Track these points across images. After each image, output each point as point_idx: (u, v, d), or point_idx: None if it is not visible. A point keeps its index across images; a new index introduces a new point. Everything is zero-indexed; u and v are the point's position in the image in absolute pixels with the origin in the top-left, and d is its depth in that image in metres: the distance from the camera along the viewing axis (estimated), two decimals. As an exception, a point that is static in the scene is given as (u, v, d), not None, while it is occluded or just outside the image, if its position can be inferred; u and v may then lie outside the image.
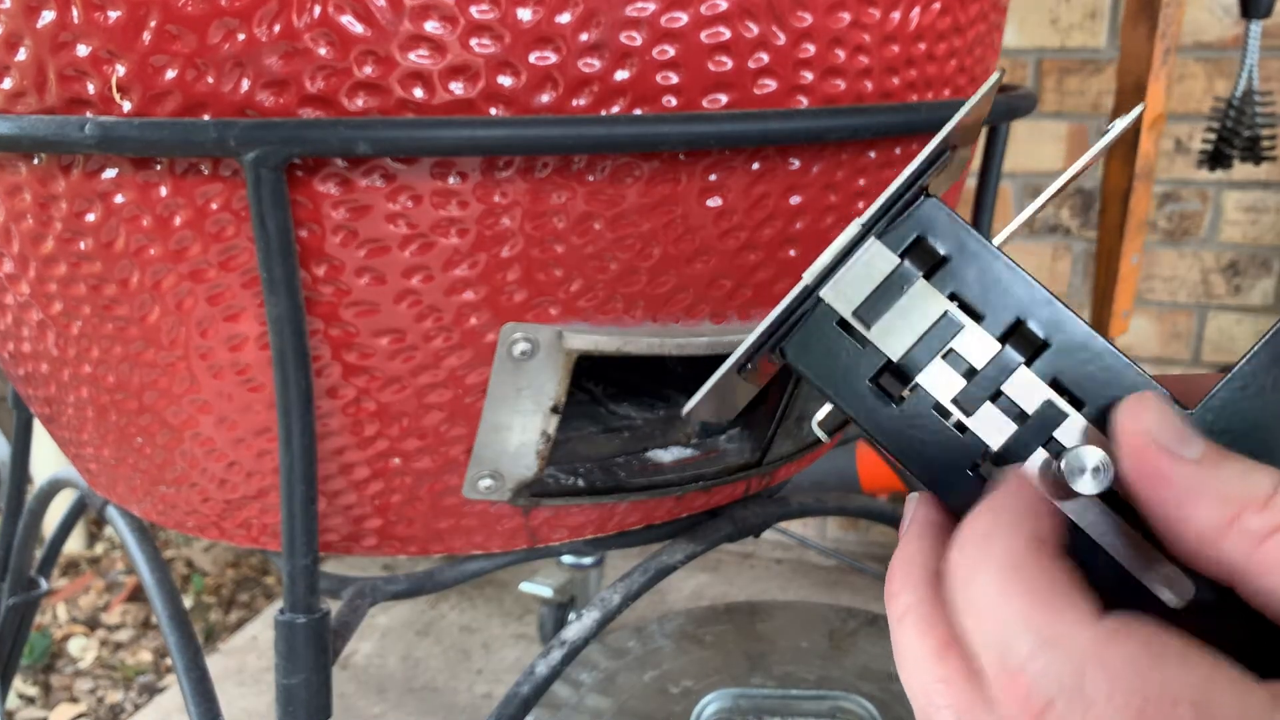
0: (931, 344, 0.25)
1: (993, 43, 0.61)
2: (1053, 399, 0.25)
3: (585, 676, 0.78)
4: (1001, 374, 0.25)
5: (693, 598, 1.48)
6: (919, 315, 0.25)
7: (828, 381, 0.26)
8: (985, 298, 0.25)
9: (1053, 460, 0.24)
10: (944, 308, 0.25)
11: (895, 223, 0.26)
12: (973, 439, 0.25)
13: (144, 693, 1.31)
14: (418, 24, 0.42)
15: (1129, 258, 0.97)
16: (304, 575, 0.50)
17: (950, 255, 0.25)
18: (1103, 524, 0.24)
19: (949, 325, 0.25)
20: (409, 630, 1.42)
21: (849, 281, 0.26)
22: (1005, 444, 0.25)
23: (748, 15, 0.45)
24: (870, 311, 0.26)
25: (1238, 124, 0.96)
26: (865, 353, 0.26)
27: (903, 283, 0.25)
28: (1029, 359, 0.25)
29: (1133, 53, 0.92)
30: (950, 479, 0.25)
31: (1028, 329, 0.25)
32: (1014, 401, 0.25)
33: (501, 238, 0.47)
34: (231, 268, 0.47)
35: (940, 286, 0.25)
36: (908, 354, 0.25)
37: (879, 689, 0.78)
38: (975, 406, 0.25)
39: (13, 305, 0.53)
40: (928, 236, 0.26)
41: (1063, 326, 0.25)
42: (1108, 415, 0.24)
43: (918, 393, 0.25)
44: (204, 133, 0.41)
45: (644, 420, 0.66)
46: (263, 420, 0.52)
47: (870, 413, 0.26)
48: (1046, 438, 0.24)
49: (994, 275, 0.25)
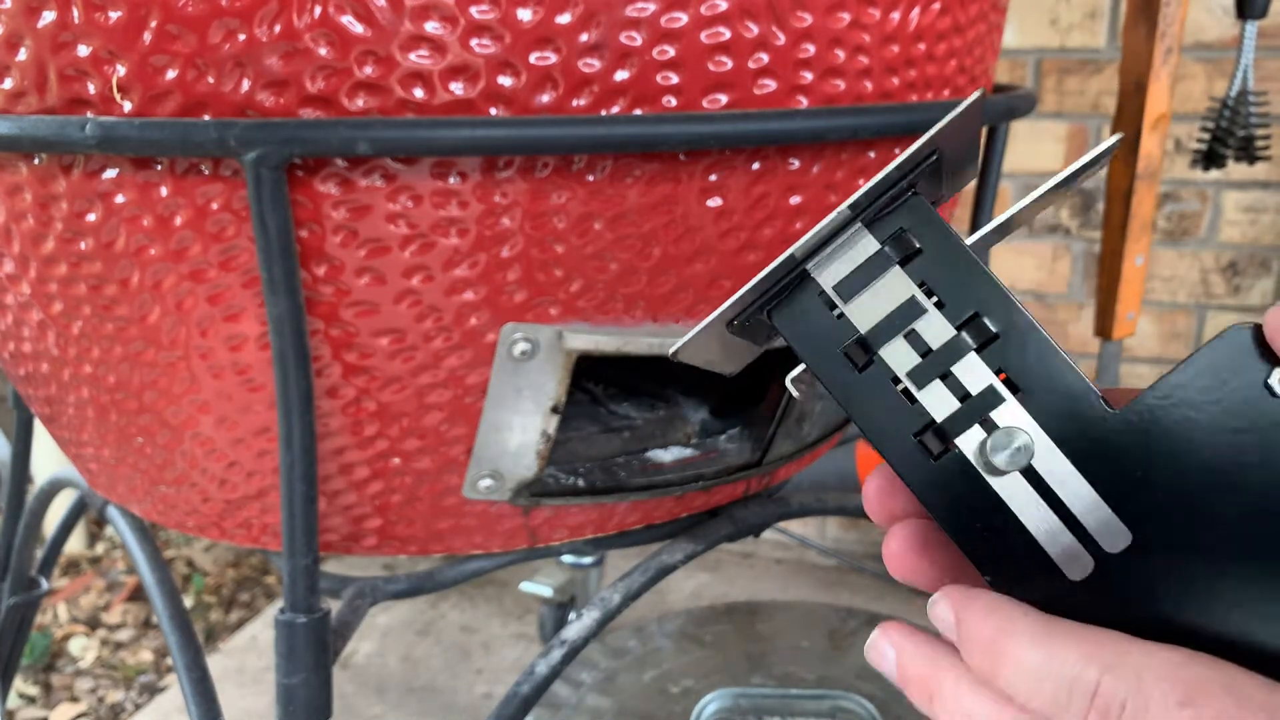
0: (896, 323, 0.29)
1: (992, 43, 0.61)
2: (994, 384, 0.28)
3: (585, 676, 0.78)
4: (953, 357, 0.28)
5: (693, 597, 1.48)
6: (889, 297, 0.29)
7: (804, 345, 0.30)
8: (950, 290, 0.28)
9: (985, 436, 0.28)
10: (912, 292, 0.29)
11: (882, 214, 0.29)
12: (920, 410, 0.28)
13: (144, 692, 1.31)
14: (418, 24, 0.42)
15: (1133, 259, 0.97)
16: (304, 575, 0.50)
17: (925, 249, 0.29)
18: (1023, 500, 0.28)
19: (913, 308, 0.29)
20: (409, 630, 1.42)
21: (835, 260, 0.29)
22: (947, 418, 0.28)
23: (748, 15, 0.45)
24: (848, 288, 0.29)
25: (1232, 124, 0.96)
26: (839, 324, 0.29)
27: (880, 267, 0.29)
28: (979, 347, 0.28)
29: (1134, 53, 0.92)
30: (894, 442, 0.29)
31: (982, 322, 0.28)
32: (960, 382, 0.28)
33: (501, 238, 0.47)
34: (232, 268, 0.47)
35: (912, 275, 0.29)
36: (874, 329, 0.29)
37: (879, 688, 0.78)
38: (925, 382, 0.28)
39: (13, 305, 0.53)
40: (909, 230, 0.29)
41: (1015, 324, 0.28)
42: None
43: (878, 363, 0.29)
44: (204, 133, 0.42)
45: (644, 420, 0.66)
46: (263, 420, 0.52)
47: (835, 376, 0.29)
48: (983, 417, 0.28)
49: (961, 271, 0.28)
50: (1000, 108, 0.60)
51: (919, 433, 0.29)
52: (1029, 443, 0.27)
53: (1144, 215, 0.96)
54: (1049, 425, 0.27)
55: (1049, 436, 0.27)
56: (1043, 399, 0.27)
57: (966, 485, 0.28)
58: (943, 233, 0.29)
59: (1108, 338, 1.01)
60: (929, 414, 0.28)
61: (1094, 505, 0.27)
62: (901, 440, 0.29)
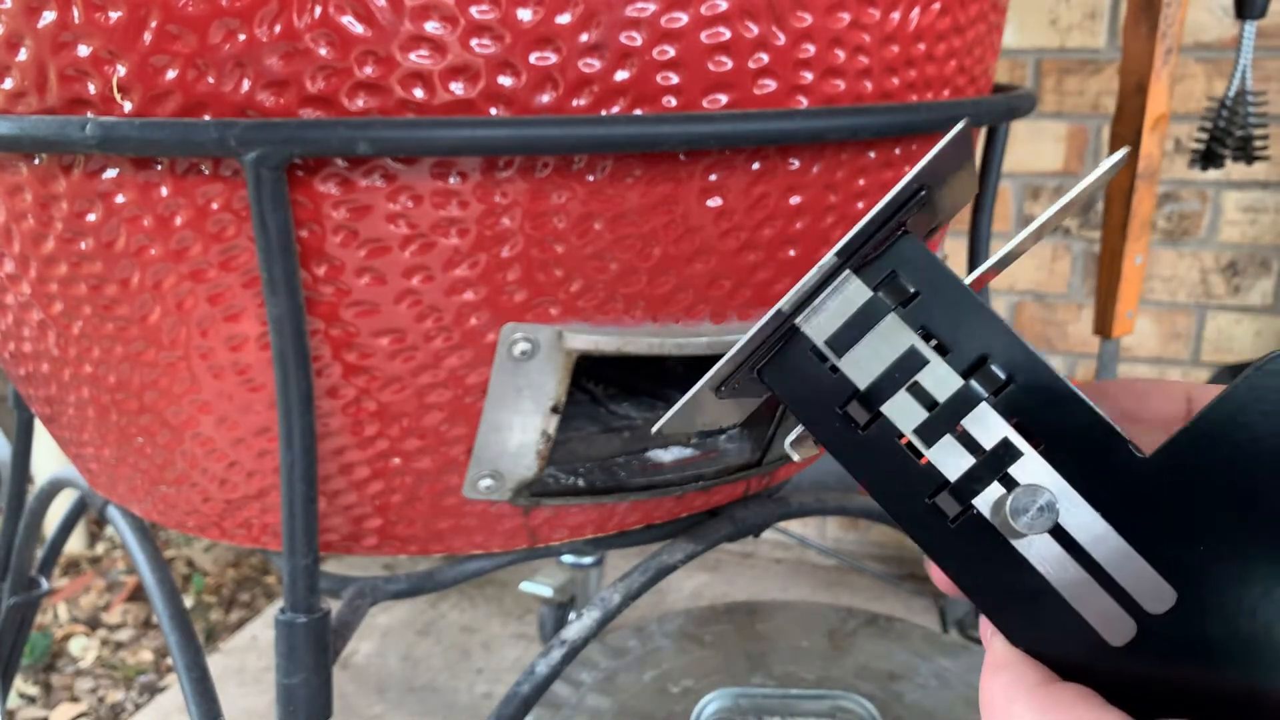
0: (897, 375, 0.26)
1: (992, 43, 0.61)
2: (1010, 436, 0.25)
3: (585, 676, 0.78)
4: (962, 408, 0.26)
5: (693, 597, 1.48)
6: (888, 347, 0.26)
7: (800, 405, 0.27)
8: (953, 334, 0.26)
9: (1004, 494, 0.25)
10: (911, 341, 0.26)
11: (871, 258, 0.27)
12: (931, 470, 0.26)
13: (145, 692, 1.31)
14: (418, 24, 0.42)
15: (1132, 258, 0.97)
16: (304, 575, 0.50)
17: (921, 291, 0.26)
18: (1054, 562, 0.25)
19: (915, 358, 0.26)
20: (409, 630, 1.42)
21: (824, 312, 0.27)
22: (961, 477, 0.26)
23: (748, 15, 0.45)
24: (842, 341, 0.27)
25: (1230, 124, 0.96)
26: (836, 380, 0.27)
27: (875, 315, 0.26)
28: (991, 396, 0.26)
29: (1134, 53, 0.92)
30: (908, 507, 0.26)
31: (991, 368, 0.26)
32: (973, 436, 0.26)
33: (502, 238, 0.47)
34: (232, 268, 0.47)
35: (910, 321, 0.26)
36: (874, 384, 0.26)
37: (878, 688, 0.78)
38: (935, 438, 0.26)
39: (13, 305, 0.53)
40: (901, 273, 0.26)
41: (1026, 367, 0.25)
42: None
43: (882, 421, 0.26)
44: (204, 133, 0.42)
45: (644, 420, 0.66)
46: (263, 420, 0.52)
47: (837, 438, 0.27)
48: (1001, 473, 0.25)
49: (962, 313, 0.26)
50: (1000, 108, 0.60)
51: (932, 495, 0.26)
52: (1053, 500, 0.24)
53: (1144, 215, 0.96)
54: (1074, 478, 0.25)
55: (1075, 490, 0.25)
56: (1065, 448, 0.25)
57: (989, 549, 0.25)
58: (939, 272, 0.26)
59: (1107, 336, 1.01)
60: (941, 474, 0.26)
61: (1132, 562, 0.24)
62: (914, 504, 0.26)
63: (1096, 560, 0.25)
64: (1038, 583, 0.25)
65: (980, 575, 0.26)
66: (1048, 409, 0.25)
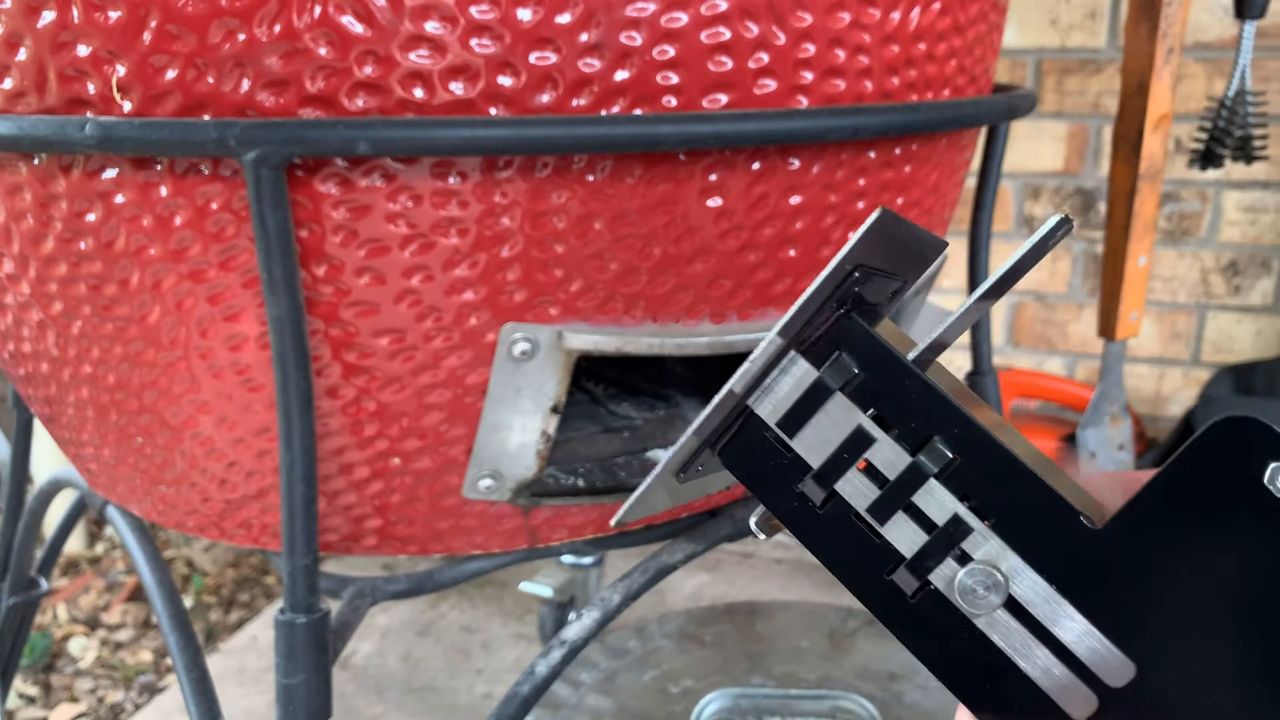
0: (847, 455, 0.27)
1: (992, 43, 0.61)
2: (960, 512, 0.26)
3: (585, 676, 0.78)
4: (912, 486, 0.26)
5: (692, 598, 1.48)
6: (836, 427, 0.27)
7: (759, 486, 0.28)
8: (899, 414, 0.26)
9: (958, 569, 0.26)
10: (858, 421, 0.27)
11: (817, 339, 0.27)
12: (887, 546, 0.26)
13: (144, 692, 1.31)
14: (418, 24, 0.42)
15: (1135, 259, 0.97)
16: (304, 575, 0.50)
17: (866, 372, 0.27)
18: (1013, 637, 0.25)
19: (863, 438, 0.26)
20: (409, 630, 1.42)
21: (774, 393, 0.27)
22: (916, 554, 0.26)
23: (748, 15, 0.45)
24: (792, 422, 0.27)
25: (1229, 123, 0.96)
26: (790, 460, 0.27)
27: (822, 396, 0.27)
28: (940, 473, 0.26)
29: (1136, 53, 0.92)
30: (867, 584, 0.27)
31: (939, 445, 0.26)
32: (924, 513, 0.26)
33: (501, 238, 0.47)
34: (231, 268, 0.47)
35: (858, 401, 0.27)
36: (826, 463, 0.27)
37: (879, 689, 0.78)
38: (888, 515, 0.26)
39: (13, 305, 0.53)
40: (846, 354, 0.27)
41: (973, 444, 0.26)
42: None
43: (836, 500, 0.27)
44: (204, 133, 0.41)
45: (644, 420, 0.66)
46: (263, 420, 0.52)
47: (795, 517, 0.27)
48: (954, 548, 0.26)
49: (909, 393, 0.26)
50: (1000, 107, 0.60)
51: (889, 571, 0.26)
52: (1003, 577, 0.25)
53: (1147, 215, 0.96)
54: (1026, 552, 0.25)
55: (1028, 564, 0.25)
56: (1015, 523, 0.25)
57: (948, 624, 0.26)
58: (882, 353, 0.26)
59: (1112, 338, 1.01)
60: (897, 550, 0.26)
61: (1090, 636, 0.24)
62: (872, 581, 0.27)
63: (1053, 634, 0.25)
64: (997, 657, 0.25)
65: (940, 650, 0.26)
66: (996, 484, 0.25)
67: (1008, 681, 0.25)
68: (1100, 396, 1.03)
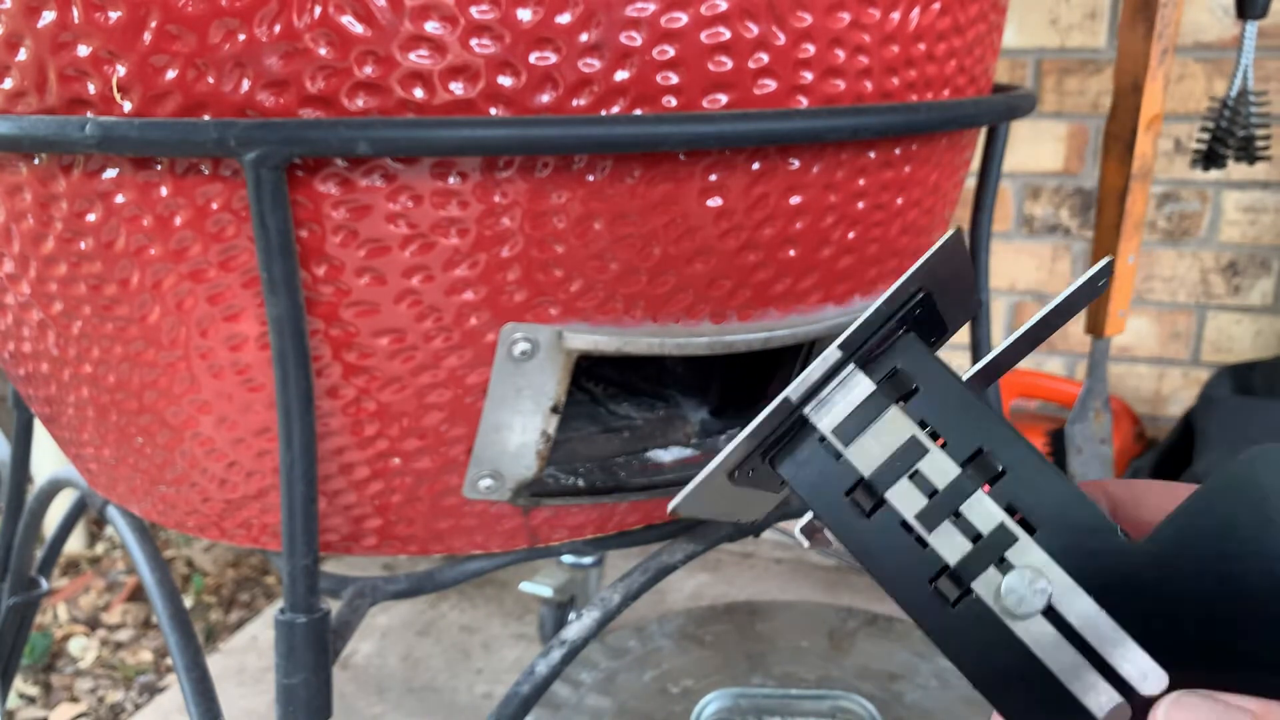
0: (899, 464, 0.28)
1: (992, 43, 0.61)
2: (1006, 522, 0.27)
3: (585, 676, 0.78)
4: (960, 496, 0.27)
5: (693, 597, 1.48)
6: (890, 437, 0.28)
7: (810, 492, 0.29)
8: (950, 427, 0.28)
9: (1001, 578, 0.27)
10: (911, 432, 0.28)
11: (876, 354, 0.28)
12: (932, 554, 0.27)
13: (144, 692, 1.31)
14: (418, 24, 0.42)
15: (1125, 258, 0.97)
16: (304, 575, 0.50)
17: (921, 388, 0.28)
18: (1049, 645, 0.26)
19: (915, 448, 0.28)
20: (409, 630, 1.42)
21: (831, 403, 0.29)
22: (960, 561, 0.27)
23: (748, 15, 0.45)
24: (847, 431, 0.28)
25: (1232, 124, 0.96)
26: (841, 468, 0.28)
27: (878, 408, 0.28)
28: (987, 484, 0.27)
29: (1130, 53, 0.92)
30: (911, 590, 0.28)
31: (987, 458, 0.27)
32: (970, 522, 0.27)
33: (501, 238, 0.47)
34: (232, 268, 0.47)
35: (911, 413, 0.28)
36: (877, 471, 0.28)
37: (879, 688, 0.78)
38: (935, 524, 0.27)
39: (13, 305, 0.53)
40: (903, 370, 0.28)
41: (1019, 458, 0.27)
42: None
43: (885, 508, 0.28)
44: (204, 133, 0.42)
45: (644, 420, 0.66)
46: (263, 420, 0.52)
47: (843, 523, 0.28)
48: (998, 557, 0.27)
49: (960, 408, 0.28)
50: (1000, 108, 0.60)
51: (933, 578, 0.27)
52: (1047, 585, 0.26)
53: (1137, 215, 0.96)
54: (1067, 563, 0.26)
55: (1068, 574, 0.26)
56: (1057, 536, 0.26)
57: (987, 631, 0.26)
58: (938, 371, 0.28)
59: (1099, 335, 1.01)
60: (941, 558, 0.27)
61: (1124, 645, 0.25)
62: (917, 588, 0.27)
63: (1090, 643, 0.26)
64: (1033, 666, 0.26)
65: (979, 658, 0.27)
66: (1039, 497, 0.26)
67: (1043, 690, 0.26)
68: (1087, 393, 1.03)
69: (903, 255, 0.60)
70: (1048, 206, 1.44)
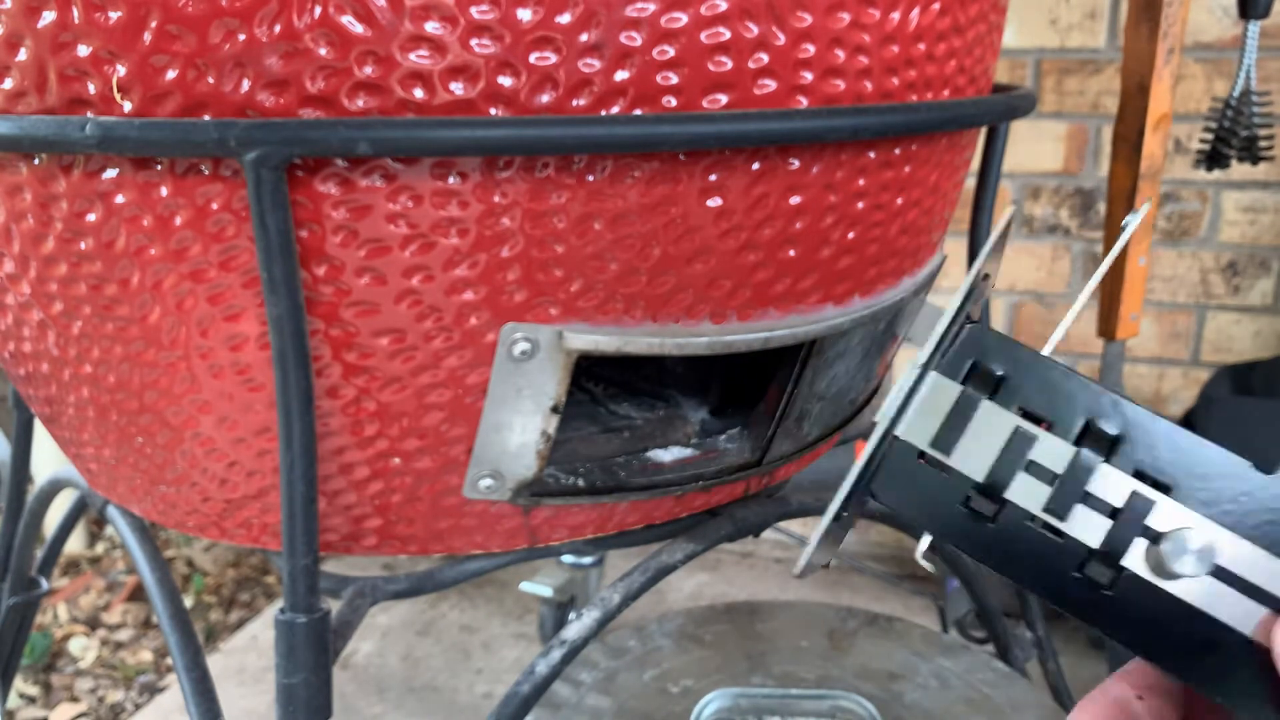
0: (1011, 459, 0.26)
1: (992, 43, 0.61)
2: (1139, 489, 0.25)
3: (585, 676, 0.78)
4: (1084, 475, 0.26)
5: (692, 597, 1.48)
6: (993, 434, 0.26)
7: (920, 513, 0.27)
8: (1051, 406, 0.26)
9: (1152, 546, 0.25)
10: (1014, 423, 0.26)
11: (947, 354, 0.27)
12: (1071, 542, 0.26)
13: (144, 692, 1.31)
14: (418, 24, 0.42)
15: (1135, 259, 0.97)
16: (304, 575, 0.50)
17: (1007, 373, 0.26)
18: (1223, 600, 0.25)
19: (1023, 439, 0.26)
20: (409, 630, 1.42)
21: (919, 415, 0.27)
22: (1104, 541, 0.25)
23: (747, 15, 0.45)
24: (946, 439, 0.27)
25: (1235, 124, 0.96)
26: (950, 479, 0.27)
27: (970, 407, 0.26)
28: (1107, 456, 0.26)
29: (1135, 53, 0.92)
30: (1058, 586, 0.26)
31: (1098, 427, 0.26)
32: (1102, 499, 0.26)
33: (502, 238, 0.47)
34: (232, 268, 0.47)
35: (1005, 404, 0.26)
36: (991, 472, 0.26)
37: (878, 688, 0.78)
38: (1067, 511, 0.26)
39: (13, 305, 0.53)
40: (982, 360, 0.27)
41: (1131, 419, 0.25)
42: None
43: (1009, 508, 0.26)
44: (204, 133, 0.42)
45: (644, 420, 0.66)
46: (263, 420, 0.52)
47: (968, 535, 0.27)
48: (1142, 528, 0.25)
49: (1053, 383, 0.26)
50: (1000, 107, 0.60)
51: (1080, 567, 0.26)
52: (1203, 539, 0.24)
53: (1147, 216, 0.96)
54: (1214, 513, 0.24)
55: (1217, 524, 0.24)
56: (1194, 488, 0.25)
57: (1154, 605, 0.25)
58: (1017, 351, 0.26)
59: (1111, 338, 1.01)
60: (1083, 544, 0.26)
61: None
62: (1065, 582, 0.26)
63: (1259, 586, 0.24)
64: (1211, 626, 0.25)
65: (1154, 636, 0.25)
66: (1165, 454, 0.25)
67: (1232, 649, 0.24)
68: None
69: (902, 255, 0.60)
70: (1047, 206, 1.44)
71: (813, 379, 0.59)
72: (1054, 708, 0.73)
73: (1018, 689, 0.76)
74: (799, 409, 0.61)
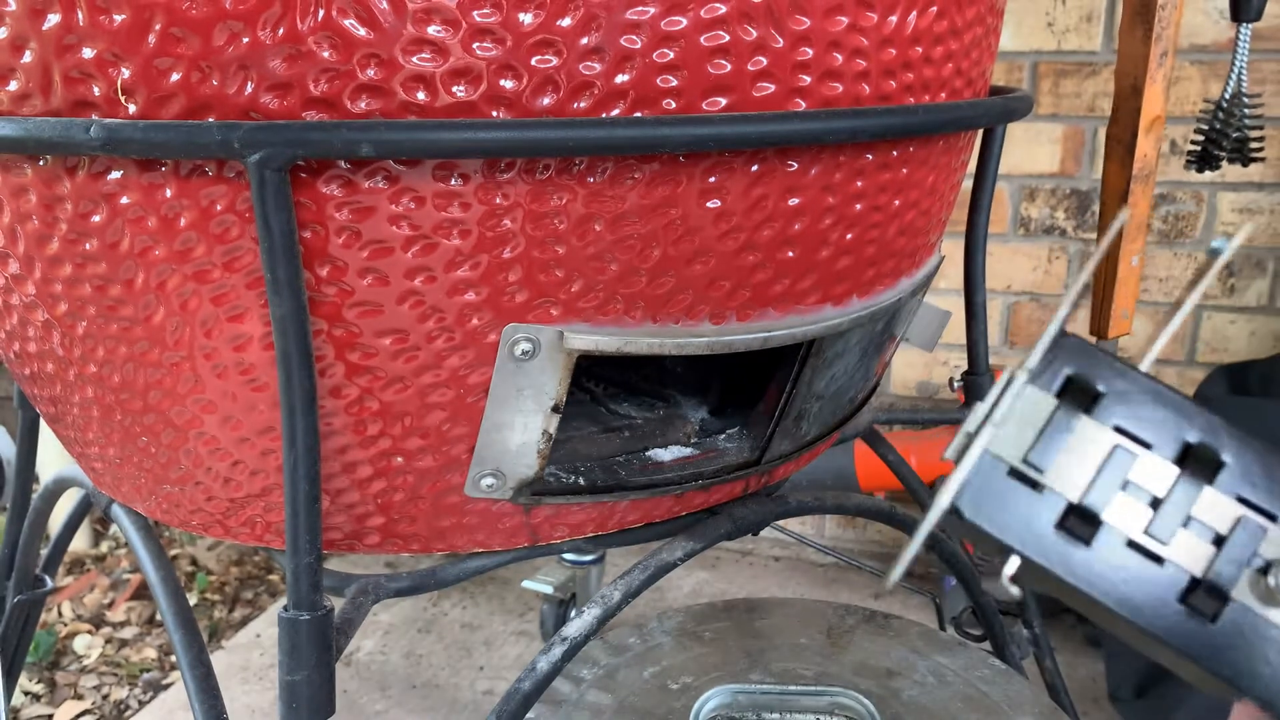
0: (1109, 479, 0.25)
1: (989, 46, 0.61)
2: (1246, 515, 0.24)
3: (586, 673, 0.78)
4: (1188, 498, 0.24)
5: (692, 595, 1.49)
6: (1090, 452, 0.25)
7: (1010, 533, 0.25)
8: (1150, 425, 0.25)
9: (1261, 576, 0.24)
10: (1114, 441, 0.25)
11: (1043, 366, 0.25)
12: (1174, 569, 0.24)
13: (148, 690, 1.31)
14: (420, 27, 0.42)
15: (1129, 259, 0.97)
16: (307, 573, 0.51)
17: (1104, 389, 0.25)
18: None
19: (1123, 457, 0.25)
20: (411, 627, 1.42)
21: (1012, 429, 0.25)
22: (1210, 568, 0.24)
23: (746, 19, 0.46)
24: (1041, 456, 0.25)
25: (1226, 126, 0.96)
26: (1044, 498, 0.25)
27: (1066, 423, 0.25)
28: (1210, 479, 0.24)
29: (1129, 55, 0.92)
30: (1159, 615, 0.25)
31: (1200, 449, 0.24)
32: (1207, 524, 0.24)
33: (503, 239, 0.47)
34: (235, 268, 0.47)
35: (1102, 420, 0.25)
36: (1087, 492, 0.25)
37: (876, 685, 0.79)
38: (1169, 536, 0.24)
39: (18, 306, 0.53)
40: (1079, 374, 0.25)
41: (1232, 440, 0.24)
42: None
43: (1106, 530, 0.25)
44: (208, 135, 0.42)
45: (644, 420, 0.67)
46: (267, 419, 0.52)
47: (1061, 558, 0.25)
48: (1250, 555, 0.24)
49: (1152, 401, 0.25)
50: (997, 110, 0.60)
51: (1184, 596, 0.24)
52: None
53: (1140, 216, 0.96)
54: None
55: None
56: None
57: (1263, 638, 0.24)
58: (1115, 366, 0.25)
59: (1104, 336, 1.01)
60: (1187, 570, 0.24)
61: None
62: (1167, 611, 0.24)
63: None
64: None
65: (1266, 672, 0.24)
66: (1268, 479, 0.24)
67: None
68: None
69: (900, 256, 0.60)
70: (1044, 208, 1.45)
71: (811, 379, 0.60)
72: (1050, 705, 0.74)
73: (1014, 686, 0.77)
74: (797, 409, 0.62)
